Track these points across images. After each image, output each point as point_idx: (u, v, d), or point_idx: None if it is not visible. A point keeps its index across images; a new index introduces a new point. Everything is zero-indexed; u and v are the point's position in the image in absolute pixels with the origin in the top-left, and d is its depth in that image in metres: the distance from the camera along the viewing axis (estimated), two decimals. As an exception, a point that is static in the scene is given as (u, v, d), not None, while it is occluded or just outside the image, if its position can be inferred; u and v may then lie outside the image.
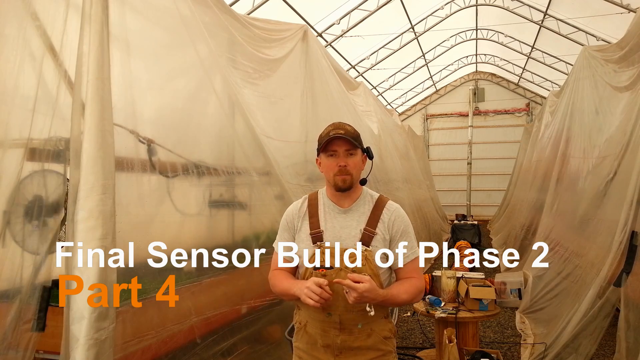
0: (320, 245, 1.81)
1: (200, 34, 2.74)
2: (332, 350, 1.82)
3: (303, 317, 1.90)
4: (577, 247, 4.46)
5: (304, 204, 1.93)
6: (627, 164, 3.51)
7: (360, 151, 1.86)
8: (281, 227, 1.96)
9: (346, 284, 1.62)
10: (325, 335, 1.82)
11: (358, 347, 1.81)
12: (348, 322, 1.80)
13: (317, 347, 1.84)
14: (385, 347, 1.86)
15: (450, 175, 16.47)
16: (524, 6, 10.13)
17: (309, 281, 1.69)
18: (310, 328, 1.86)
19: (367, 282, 1.63)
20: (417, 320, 5.14)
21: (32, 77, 1.92)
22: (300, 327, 1.91)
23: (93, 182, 1.77)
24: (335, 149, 1.80)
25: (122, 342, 1.99)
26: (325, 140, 1.80)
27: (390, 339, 1.89)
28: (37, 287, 1.89)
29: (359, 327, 1.80)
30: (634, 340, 2.96)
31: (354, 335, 1.81)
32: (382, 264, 1.82)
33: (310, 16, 8.98)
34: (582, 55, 5.31)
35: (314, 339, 1.85)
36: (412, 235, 1.89)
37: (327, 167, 1.83)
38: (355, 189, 1.87)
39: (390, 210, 1.87)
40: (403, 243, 1.85)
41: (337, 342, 1.80)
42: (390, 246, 1.84)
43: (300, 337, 1.91)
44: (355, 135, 1.84)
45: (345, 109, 5.31)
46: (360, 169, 1.87)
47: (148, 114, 2.42)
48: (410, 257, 1.86)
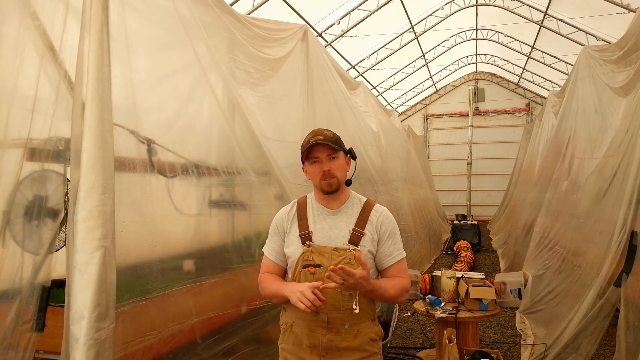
0: (309, 245, 1.85)
1: (201, 33, 2.73)
2: (317, 351, 1.83)
3: (289, 318, 1.92)
4: (576, 247, 4.46)
5: (293, 208, 1.98)
6: (626, 164, 3.51)
7: (342, 153, 1.90)
8: (271, 231, 2.00)
9: (346, 270, 1.63)
10: (311, 335, 1.83)
11: (345, 348, 1.83)
12: (335, 322, 1.82)
13: (303, 348, 1.86)
14: (371, 349, 1.88)
15: (450, 175, 16.46)
16: (524, 6, 10.13)
17: (302, 285, 1.70)
18: (297, 328, 1.87)
19: (360, 269, 1.66)
20: (417, 320, 5.14)
21: (31, 76, 1.92)
22: (286, 328, 1.93)
23: (93, 182, 1.77)
24: (317, 155, 1.85)
25: (122, 342, 1.99)
26: (306, 149, 1.84)
27: (376, 341, 1.92)
28: (37, 287, 1.89)
29: (345, 327, 1.83)
30: (633, 340, 2.96)
31: (340, 335, 1.83)
32: (370, 263, 1.85)
33: (310, 16, 8.98)
34: (582, 55, 5.31)
35: (300, 339, 1.86)
36: (398, 237, 1.94)
37: (312, 173, 1.89)
38: (342, 191, 1.92)
39: (378, 212, 1.92)
40: (390, 244, 1.90)
41: (323, 342, 1.82)
42: (377, 247, 1.89)
43: (286, 338, 1.93)
44: (335, 139, 1.88)
45: (345, 109, 5.30)
46: (345, 171, 1.92)
47: (148, 114, 2.43)
48: (396, 258, 1.90)
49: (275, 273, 1.96)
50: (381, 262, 1.90)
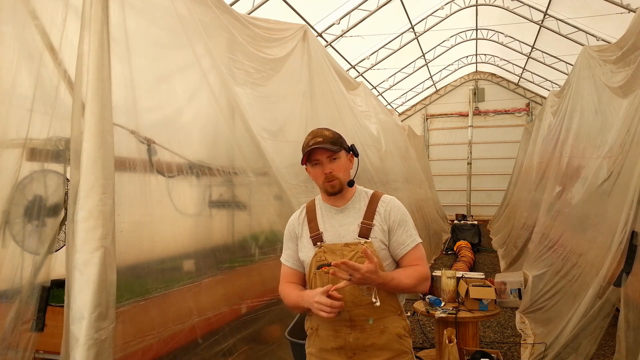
0: (320, 245, 1.84)
1: (200, 34, 2.73)
2: (345, 352, 1.80)
3: (314, 322, 1.90)
4: (576, 246, 4.46)
5: (302, 212, 1.98)
6: (627, 164, 3.51)
7: (343, 152, 1.88)
8: (285, 239, 1.99)
9: (350, 264, 1.60)
10: (337, 336, 1.81)
11: (371, 345, 1.79)
12: (358, 318, 1.79)
13: (329, 351, 1.83)
14: (399, 347, 1.81)
15: (450, 175, 16.46)
16: (524, 6, 10.12)
17: (315, 293, 1.69)
18: (322, 331, 1.85)
19: (368, 263, 1.62)
20: (417, 320, 5.13)
21: (30, 76, 1.92)
22: (312, 332, 1.90)
23: (93, 182, 1.77)
24: (317, 158, 1.83)
25: (122, 342, 1.98)
26: (306, 152, 1.82)
27: (405, 337, 1.85)
28: (37, 287, 1.89)
29: (370, 322, 1.79)
30: (633, 340, 2.96)
31: (366, 333, 1.79)
32: (384, 254, 1.83)
33: (310, 16, 8.98)
34: (582, 55, 5.31)
35: (326, 342, 1.84)
36: (410, 224, 1.89)
37: (315, 175, 1.88)
38: (347, 188, 1.90)
39: (386, 202, 1.90)
40: (401, 232, 1.86)
41: (349, 342, 1.79)
42: (389, 237, 1.85)
43: (312, 342, 1.90)
44: (335, 139, 1.86)
45: (345, 109, 5.31)
46: (348, 169, 1.90)
47: (148, 113, 2.42)
48: (410, 245, 1.85)
49: (295, 280, 1.94)
50: (395, 252, 1.86)
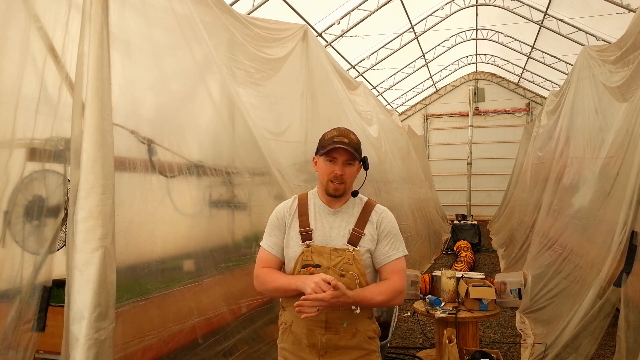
0: (309, 244, 1.85)
1: (200, 34, 2.73)
2: (317, 350, 1.84)
3: (288, 318, 1.91)
4: (576, 246, 4.46)
5: (294, 203, 1.97)
6: (627, 164, 3.51)
7: (358, 162, 1.90)
8: (271, 225, 1.97)
9: (312, 298, 1.63)
10: (310, 335, 1.84)
11: (343, 347, 1.84)
12: (334, 321, 1.82)
13: (302, 347, 1.86)
14: (369, 347, 1.89)
15: (450, 175, 16.46)
16: (524, 6, 10.12)
17: (316, 276, 1.70)
18: (296, 327, 1.88)
19: (331, 290, 1.64)
20: (417, 320, 5.14)
21: (34, 78, 1.92)
22: (285, 328, 1.93)
23: (93, 182, 1.77)
24: (335, 156, 1.84)
25: (122, 342, 1.99)
26: (329, 147, 1.82)
27: (374, 339, 1.92)
28: (37, 287, 1.89)
29: (344, 325, 1.83)
30: (634, 340, 2.96)
31: (339, 335, 1.83)
32: (369, 262, 1.87)
33: (310, 16, 8.98)
34: (582, 55, 5.31)
35: (299, 338, 1.87)
36: (398, 237, 1.92)
37: (324, 170, 1.87)
38: (348, 195, 1.93)
39: (379, 212, 1.92)
40: (386, 243, 1.88)
41: (322, 342, 1.83)
42: (376, 245, 1.88)
43: (285, 337, 1.93)
44: (357, 146, 1.87)
45: (345, 109, 5.31)
46: (354, 178, 1.92)
47: (148, 114, 2.43)
48: (391, 257, 1.88)
49: (276, 267, 1.93)
50: (376, 261, 1.89)
